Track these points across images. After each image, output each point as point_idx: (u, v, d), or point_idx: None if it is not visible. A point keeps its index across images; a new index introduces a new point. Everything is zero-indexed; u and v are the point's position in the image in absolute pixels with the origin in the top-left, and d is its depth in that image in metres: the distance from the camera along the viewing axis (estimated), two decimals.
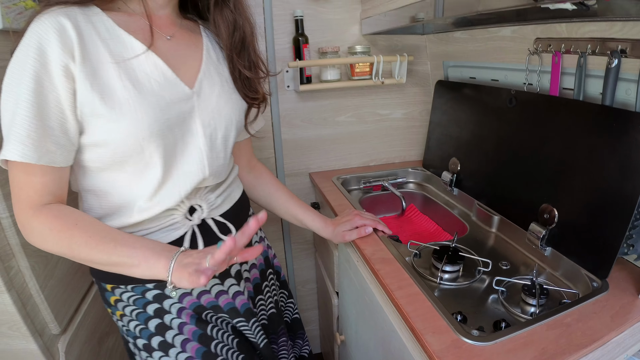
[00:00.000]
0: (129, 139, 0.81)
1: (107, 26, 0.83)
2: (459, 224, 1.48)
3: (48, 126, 0.76)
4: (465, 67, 1.66)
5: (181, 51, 0.94)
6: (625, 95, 1.03)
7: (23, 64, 0.73)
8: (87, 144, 0.82)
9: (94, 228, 0.83)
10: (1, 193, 1.00)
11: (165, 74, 0.87)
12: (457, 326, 0.87)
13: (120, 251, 0.82)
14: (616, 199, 0.97)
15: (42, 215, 0.80)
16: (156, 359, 0.95)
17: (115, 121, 0.79)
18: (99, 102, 0.78)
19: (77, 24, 0.77)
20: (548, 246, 1.14)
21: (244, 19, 1.01)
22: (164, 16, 0.94)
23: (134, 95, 0.81)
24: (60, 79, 0.75)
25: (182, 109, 0.89)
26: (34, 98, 0.73)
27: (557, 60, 1.17)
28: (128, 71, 0.82)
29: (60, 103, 0.76)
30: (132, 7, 0.89)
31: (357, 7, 1.78)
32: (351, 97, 1.90)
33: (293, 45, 1.72)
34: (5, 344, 1.09)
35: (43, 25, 0.74)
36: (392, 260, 1.14)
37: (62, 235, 0.80)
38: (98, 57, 0.79)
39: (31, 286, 1.10)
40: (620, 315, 0.90)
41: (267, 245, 1.28)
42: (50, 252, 0.84)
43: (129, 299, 0.96)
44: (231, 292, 1.02)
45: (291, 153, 1.87)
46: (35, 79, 0.73)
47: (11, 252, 1.05)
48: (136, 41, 0.85)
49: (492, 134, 1.42)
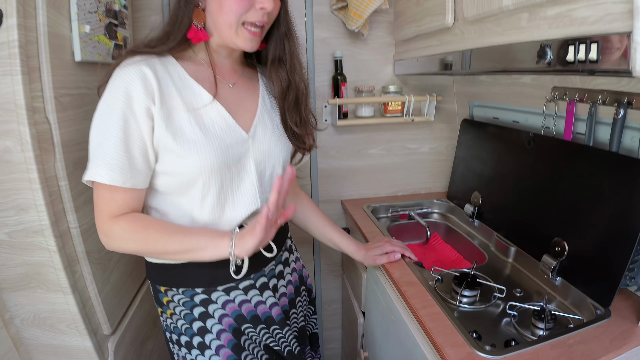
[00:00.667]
0: (193, 172, 0.98)
1: (181, 75, 1.01)
2: (478, 254, 1.59)
3: (132, 155, 0.93)
4: (489, 108, 1.80)
5: (241, 98, 1.11)
6: (630, 142, 1.15)
7: (112, 104, 0.91)
8: (159, 171, 0.99)
9: (164, 226, 1.00)
10: (72, 206, 1.18)
11: (227, 120, 1.04)
12: (473, 342, 1.00)
13: (189, 239, 0.98)
14: (619, 236, 1.08)
15: (122, 221, 0.97)
16: (193, 355, 1.09)
17: (183, 157, 0.96)
18: (171, 140, 0.95)
19: (156, 73, 0.95)
20: (558, 276, 1.25)
21: (299, 79, 1.17)
22: (227, 65, 1.12)
23: (200, 138, 0.98)
24: (143, 118, 0.92)
25: (239, 150, 1.05)
26: (122, 133, 0.91)
27: (572, 108, 1.30)
28: (197, 117, 0.99)
29: (142, 137, 0.93)
30: (200, 56, 1.08)
31: (391, 49, 1.96)
32: (383, 131, 2.06)
33: (332, 83, 1.89)
34: (62, 340, 1.23)
35: (129, 73, 0.92)
36: (417, 284, 1.28)
37: (140, 234, 0.97)
38: (173, 103, 0.97)
39: (90, 290, 1.27)
40: (619, 340, 1.00)
41: (302, 265, 1.41)
42: (129, 251, 1.00)
43: (179, 300, 1.10)
44: (268, 302, 1.16)
45: (326, 181, 2.03)
46: (123, 117, 0.91)
47: (76, 258, 1.22)
48: (204, 91, 1.02)
49: (512, 172, 1.55)
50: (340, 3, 1.83)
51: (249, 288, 1.12)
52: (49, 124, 1.12)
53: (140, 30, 1.82)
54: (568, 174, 1.28)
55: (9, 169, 1.06)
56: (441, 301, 1.17)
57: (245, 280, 1.11)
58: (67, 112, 1.18)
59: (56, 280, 1.15)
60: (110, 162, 0.91)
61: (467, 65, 1.31)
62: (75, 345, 1.23)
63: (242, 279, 1.09)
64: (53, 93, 1.12)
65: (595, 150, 1.22)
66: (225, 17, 0.98)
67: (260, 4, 0.97)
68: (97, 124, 0.93)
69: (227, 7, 0.97)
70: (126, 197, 0.96)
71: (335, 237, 1.44)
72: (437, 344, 1.01)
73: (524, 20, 1.01)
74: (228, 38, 1.02)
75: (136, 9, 1.80)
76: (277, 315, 1.16)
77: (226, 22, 0.99)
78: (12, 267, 1.14)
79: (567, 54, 0.87)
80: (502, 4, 1.05)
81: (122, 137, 0.91)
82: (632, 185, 1.07)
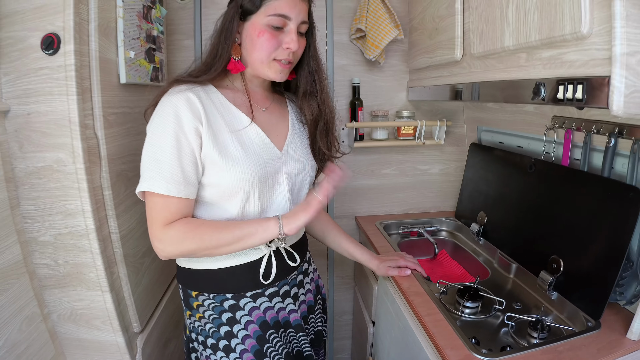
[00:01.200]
0: (235, 184, 1.11)
1: (221, 101, 1.16)
2: (482, 269, 1.70)
3: (185, 169, 1.07)
4: (496, 133, 1.92)
5: (273, 120, 1.26)
6: (621, 168, 1.26)
7: (164, 125, 1.06)
8: (205, 183, 1.13)
9: (214, 222, 1.13)
10: (114, 214, 1.33)
11: (264, 140, 1.18)
12: (471, 345, 1.11)
13: (239, 229, 1.11)
14: (608, 254, 1.19)
15: (175, 225, 1.09)
16: (218, 357, 1.20)
17: (227, 171, 1.10)
18: (217, 156, 1.09)
19: (201, 99, 1.10)
20: (555, 291, 1.35)
21: (327, 108, 1.32)
22: (259, 92, 1.28)
23: (242, 154, 1.12)
24: (193, 136, 1.06)
25: (274, 166, 1.19)
26: (175, 149, 1.05)
27: (569, 136, 1.42)
28: (238, 137, 1.14)
29: (193, 152, 1.07)
30: (236, 85, 1.23)
31: (405, 76, 2.11)
32: (396, 153, 2.20)
33: (350, 107, 2.04)
34: (95, 335, 1.35)
35: (178, 99, 1.07)
36: (423, 294, 1.39)
37: (194, 233, 1.09)
38: (217, 125, 1.11)
39: (125, 290, 1.40)
40: (606, 349, 1.09)
41: (318, 275, 1.53)
42: (184, 252, 1.11)
43: (209, 305, 1.22)
44: (288, 309, 1.28)
45: (341, 198, 2.16)
46: (175, 136, 1.05)
47: (115, 260, 1.36)
48: (243, 115, 1.17)
49: (515, 194, 1.66)
50: (359, 33, 1.98)
51: (274, 295, 1.24)
52: (97, 139, 1.27)
53: (174, 53, 1.99)
54: (565, 197, 1.40)
55: (60, 178, 1.21)
56: (445, 310, 1.29)
57: (271, 287, 1.23)
58: (112, 128, 1.34)
59: (96, 279, 1.28)
60: (166, 175, 1.05)
61: (476, 95, 1.44)
62: (108, 341, 1.35)
63: (269, 285, 1.22)
64: (102, 112, 1.27)
65: (589, 175, 1.34)
66: (257, 54, 1.14)
67: (286, 44, 1.13)
68: (152, 142, 1.07)
69: (258, 46, 1.13)
70: (179, 206, 1.09)
71: (350, 247, 1.56)
72: (439, 346, 1.12)
73: (522, 60, 1.15)
74: (260, 70, 1.18)
75: (170, 33, 1.96)
76: (294, 321, 1.28)
77: (258, 58, 1.15)
78: (54, 266, 1.27)
79: (558, 92, 1.00)
80: (504, 44, 1.18)
81: (176, 153, 1.05)
82: (621, 207, 1.18)
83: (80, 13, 1.18)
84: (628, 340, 1.12)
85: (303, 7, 1.15)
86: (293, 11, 1.11)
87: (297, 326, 1.29)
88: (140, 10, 1.50)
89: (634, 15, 0.82)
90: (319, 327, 1.45)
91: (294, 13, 1.12)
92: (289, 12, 1.11)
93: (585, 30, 0.90)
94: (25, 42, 1.15)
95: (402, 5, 2.06)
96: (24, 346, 1.17)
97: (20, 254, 1.19)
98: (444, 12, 1.59)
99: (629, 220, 1.15)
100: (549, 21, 1.00)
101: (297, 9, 1.12)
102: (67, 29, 1.14)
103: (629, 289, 1.23)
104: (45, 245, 1.25)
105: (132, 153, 1.48)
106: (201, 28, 2.01)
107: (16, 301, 1.16)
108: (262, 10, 1.12)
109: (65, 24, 1.14)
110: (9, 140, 1.19)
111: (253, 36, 1.13)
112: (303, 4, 1.14)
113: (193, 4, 1.99)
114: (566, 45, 0.98)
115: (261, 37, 1.12)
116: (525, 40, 1.10)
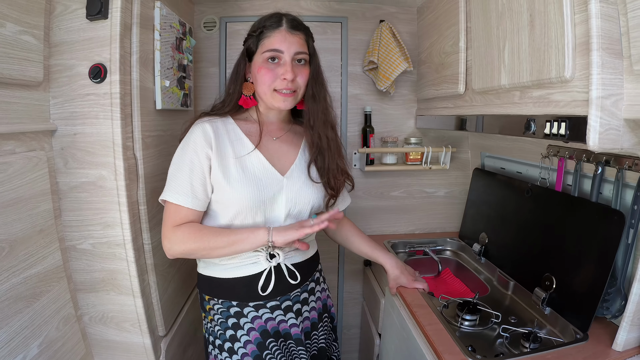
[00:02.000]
0: (237, 202, 1.28)
1: (235, 131, 1.35)
2: (483, 287, 1.82)
3: (193, 185, 1.26)
4: (498, 159, 2.06)
5: (284, 148, 1.41)
6: (608, 193, 1.39)
7: (184, 149, 1.28)
8: (214, 200, 1.31)
9: (213, 228, 1.31)
10: (148, 227, 1.48)
11: (264, 165, 1.33)
12: (467, 352, 1.23)
13: (233, 234, 1.27)
14: (595, 272, 1.31)
15: (182, 227, 1.27)
16: (223, 357, 1.34)
17: (229, 191, 1.28)
18: (222, 177, 1.27)
19: (216, 129, 1.30)
20: (548, 306, 1.46)
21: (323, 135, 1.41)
22: (274, 123, 1.44)
23: (241, 176, 1.29)
24: (203, 159, 1.26)
25: (274, 188, 1.33)
26: (188, 169, 1.25)
27: (562, 164, 1.56)
28: (241, 162, 1.31)
29: (203, 173, 1.26)
30: (253, 116, 1.40)
31: (413, 105, 2.27)
32: (404, 177, 2.35)
33: (362, 133, 2.21)
34: (124, 337, 1.48)
35: (197, 129, 1.29)
36: (426, 307, 1.51)
37: (197, 234, 1.26)
38: (225, 151, 1.30)
39: (153, 296, 1.54)
40: (591, 358, 1.20)
41: (327, 295, 1.62)
42: (186, 250, 1.27)
43: (218, 309, 1.36)
44: (289, 322, 1.38)
45: (353, 218, 2.25)
46: (190, 159, 1.26)
47: (146, 269, 1.50)
48: (249, 142, 1.34)
49: (513, 216, 1.79)
50: (372, 65, 2.14)
51: (275, 308, 1.36)
52: (136, 159, 1.44)
53: (200, 79, 2.17)
54: (558, 219, 1.53)
55: (101, 193, 1.36)
56: (445, 322, 1.41)
57: (272, 301, 1.35)
58: (149, 150, 1.49)
59: (129, 285, 1.42)
60: (178, 189, 1.25)
61: (480, 126, 1.58)
62: (136, 342, 1.48)
63: (269, 299, 1.34)
64: (140, 135, 1.44)
65: (580, 199, 1.47)
66: (261, 87, 1.32)
67: (282, 75, 1.29)
68: (175, 161, 1.29)
69: (260, 80, 1.31)
70: (187, 213, 1.27)
71: (369, 251, 1.69)
72: (438, 352, 1.24)
73: (516, 97, 1.29)
74: (268, 101, 1.34)
75: (196, 60, 2.13)
76: (295, 334, 1.37)
77: (261, 90, 1.33)
78: (90, 272, 1.41)
79: (545, 128, 1.13)
80: (501, 83, 1.33)
81: (188, 172, 1.25)
82: (606, 229, 1.31)
83: (124, 46, 1.35)
84: (613, 351, 1.21)
85: (295, 40, 1.30)
86: (283, 45, 1.28)
87: (297, 340, 1.37)
88: (174, 42, 1.67)
89: (609, 62, 0.96)
90: (322, 344, 1.51)
91: (285, 46, 1.28)
92: (279, 46, 1.28)
93: (568, 75, 1.04)
94: (73, 69, 1.32)
95: (411, 39, 2.22)
96: (60, 343, 1.30)
97: (60, 260, 1.33)
98: (449, 49, 1.75)
99: (613, 241, 1.27)
100: (539, 65, 1.14)
101: (287, 42, 1.29)
102: (113, 61, 1.31)
103: (614, 303, 1.35)
104: (83, 252, 1.39)
105: (164, 172, 1.59)
106: (226, 56, 2.19)
107: (55, 302, 1.30)
108: (259, 49, 1.31)
109: (112, 56, 1.31)
110: (55, 157, 1.34)
111: (255, 73, 1.32)
112: (294, 37, 1.30)
113: (218, 35, 2.18)
114: (553, 87, 1.12)
115: (260, 72, 1.30)
116: (519, 80, 1.24)
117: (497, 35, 1.35)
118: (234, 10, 2.18)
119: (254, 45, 1.33)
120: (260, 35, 1.31)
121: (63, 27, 1.30)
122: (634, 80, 0.95)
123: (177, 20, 1.71)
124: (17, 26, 1.12)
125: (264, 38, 1.30)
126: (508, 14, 1.28)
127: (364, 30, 2.23)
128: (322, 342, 1.52)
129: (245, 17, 2.17)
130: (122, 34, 1.32)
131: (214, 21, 2.17)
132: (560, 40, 1.05)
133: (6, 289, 1.10)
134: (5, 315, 1.10)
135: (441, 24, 1.85)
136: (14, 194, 1.14)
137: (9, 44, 1.10)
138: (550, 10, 1.08)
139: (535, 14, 1.15)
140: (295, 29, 1.31)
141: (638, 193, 1.25)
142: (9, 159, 1.12)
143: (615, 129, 0.98)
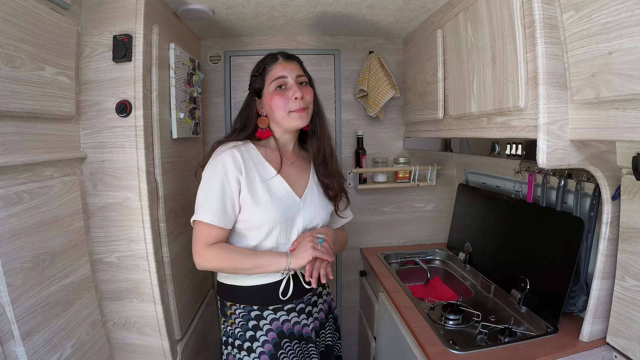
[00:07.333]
0: (263, 222, 1.43)
1: (258, 156, 1.48)
2: (467, 291, 1.99)
3: (225, 207, 1.40)
4: (479, 175, 2.27)
5: (297, 173, 1.57)
6: (571, 202, 1.58)
7: (214, 173, 1.39)
8: (240, 219, 1.45)
9: (242, 249, 1.44)
10: (167, 241, 1.66)
11: (286, 189, 1.49)
12: (447, 343, 1.41)
13: (259, 258, 1.41)
14: (561, 273, 1.49)
15: (213, 247, 1.40)
16: (241, 355, 1.45)
17: (256, 212, 1.42)
18: (250, 199, 1.41)
19: (242, 155, 1.43)
20: (524, 305, 1.63)
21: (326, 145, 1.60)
22: (289, 149, 1.59)
23: (269, 199, 1.43)
24: (234, 183, 1.40)
25: (294, 210, 1.49)
26: (220, 192, 1.38)
27: (531, 178, 1.76)
28: (267, 185, 1.45)
29: (233, 195, 1.40)
30: (271, 144, 1.55)
31: (402, 127, 2.48)
32: (395, 193, 2.56)
33: (355, 155, 2.42)
34: (144, 340, 1.63)
35: (226, 156, 1.40)
36: (414, 309, 1.70)
37: (226, 255, 1.40)
38: (252, 175, 1.43)
39: (171, 303, 1.70)
40: (558, 348, 1.37)
41: (331, 298, 1.77)
42: (216, 268, 1.42)
43: (239, 314, 1.50)
44: (302, 323, 1.54)
45: (348, 232, 2.39)
46: (221, 182, 1.38)
47: (165, 279, 1.67)
48: (272, 168, 1.48)
49: (493, 226, 1.99)
50: (362, 92, 2.35)
51: (291, 310, 1.51)
52: (156, 183, 1.62)
53: (207, 108, 2.38)
54: (529, 227, 1.72)
55: (127, 212, 1.55)
56: (430, 321, 1.59)
57: (289, 304, 1.50)
58: (167, 174, 1.68)
59: (150, 293, 1.59)
60: (212, 209, 1.37)
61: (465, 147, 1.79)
62: (155, 345, 1.63)
63: (287, 301, 1.49)
64: (160, 161, 1.63)
65: (547, 209, 1.67)
66: (277, 113, 1.46)
67: (293, 95, 1.44)
68: (204, 185, 1.40)
69: (275, 107, 1.45)
70: (218, 233, 1.41)
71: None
72: (422, 344, 1.43)
73: (484, 123, 1.49)
74: (286, 125, 1.48)
75: (204, 91, 2.34)
76: (306, 334, 1.53)
77: (279, 115, 1.46)
78: (115, 282, 1.58)
79: (507, 149, 1.33)
80: (471, 110, 1.53)
81: (220, 194, 1.38)
82: (569, 234, 1.50)
83: (146, 85, 1.55)
84: (580, 342, 1.38)
85: (293, 67, 1.48)
86: (285, 70, 1.45)
87: (307, 338, 1.52)
88: (186, 77, 1.87)
89: (555, 94, 1.16)
90: (329, 341, 1.67)
91: (287, 71, 1.45)
92: (282, 72, 1.45)
93: (522, 104, 1.24)
94: (101, 105, 1.51)
95: (398, 67, 2.44)
96: (89, 345, 1.45)
97: (89, 271, 1.50)
98: (430, 79, 1.96)
99: (575, 244, 1.46)
100: (500, 95, 1.34)
101: (287, 68, 1.46)
102: (137, 98, 1.51)
103: (579, 299, 1.54)
104: (109, 265, 1.56)
105: (179, 193, 1.82)
106: (230, 87, 2.40)
107: (86, 308, 1.46)
108: (266, 83, 1.48)
109: (136, 94, 1.51)
110: (85, 180, 1.52)
111: (269, 103, 1.46)
112: (291, 64, 1.48)
113: (223, 67, 2.39)
114: (511, 114, 1.32)
115: (274, 99, 1.45)
116: (485, 109, 1.44)
117: (467, 69, 1.56)
118: (237, 45, 2.38)
119: (260, 83, 1.50)
120: (263, 72, 1.48)
121: (91, 68, 1.50)
122: (576, 107, 1.14)
123: (188, 58, 1.91)
124: (55, 68, 1.32)
125: (267, 72, 1.47)
126: (475, 50, 1.49)
127: (355, 60, 2.44)
128: (329, 340, 1.66)
129: (247, 52, 2.38)
130: (144, 74, 1.52)
131: (219, 55, 2.38)
132: (515, 75, 1.25)
133: (48, 294, 1.27)
134: (46, 317, 1.25)
135: (423, 55, 2.06)
136: (54, 213, 1.31)
137: (48, 84, 1.29)
138: (508, 49, 1.28)
139: (496, 52, 1.35)
140: (289, 58, 1.50)
141: (594, 201, 1.45)
142: (49, 183, 1.31)
143: (562, 148, 1.17)
